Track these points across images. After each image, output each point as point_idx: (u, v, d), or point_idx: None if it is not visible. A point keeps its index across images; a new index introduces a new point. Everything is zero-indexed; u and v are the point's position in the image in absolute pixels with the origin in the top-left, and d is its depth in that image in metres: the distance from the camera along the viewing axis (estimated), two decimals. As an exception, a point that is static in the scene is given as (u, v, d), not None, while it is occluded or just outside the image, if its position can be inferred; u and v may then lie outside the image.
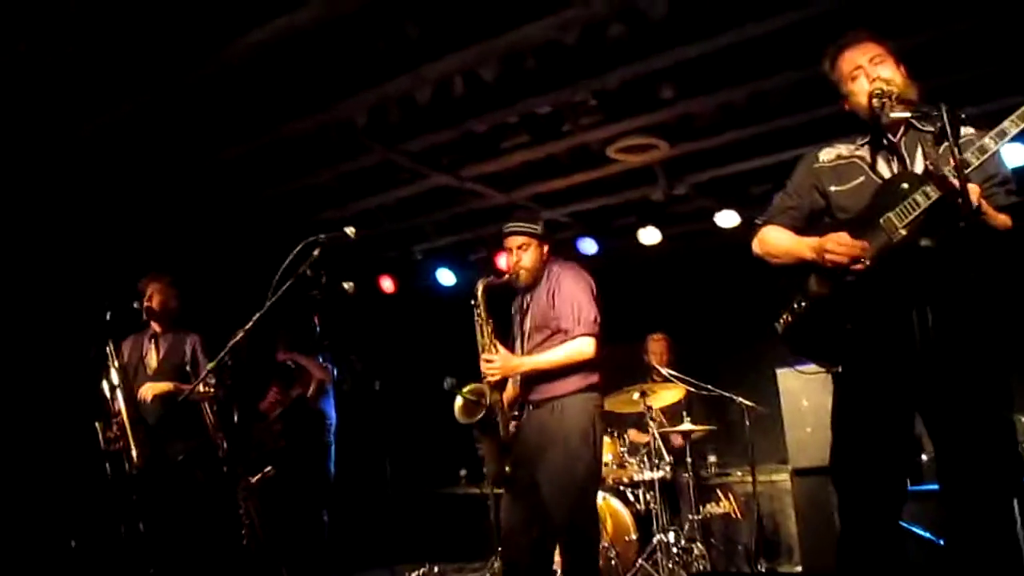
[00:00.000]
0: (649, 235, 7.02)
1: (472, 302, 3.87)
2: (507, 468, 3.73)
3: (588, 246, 7.31)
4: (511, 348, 3.91)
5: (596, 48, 4.63)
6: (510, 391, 3.97)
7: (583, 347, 3.72)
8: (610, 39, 4.61)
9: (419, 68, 4.55)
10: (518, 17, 4.15)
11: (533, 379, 3.79)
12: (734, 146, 5.95)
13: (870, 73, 2.54)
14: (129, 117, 4.81)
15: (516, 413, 3.91)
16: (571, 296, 3.78)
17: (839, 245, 2.52)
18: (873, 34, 2.62)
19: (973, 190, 2.22)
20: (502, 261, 7.41)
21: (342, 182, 6.42)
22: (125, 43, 4.14)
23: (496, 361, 3.72)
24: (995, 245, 2.38)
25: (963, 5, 4.11)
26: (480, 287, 3.87)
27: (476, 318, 3.85)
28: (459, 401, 3.77)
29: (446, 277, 7.92)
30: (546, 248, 3.96)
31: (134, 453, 4.15)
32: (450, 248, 7.91)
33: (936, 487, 2.75)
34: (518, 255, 3.90)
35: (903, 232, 2.43)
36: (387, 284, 8.04)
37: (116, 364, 4.41)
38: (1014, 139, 2.31)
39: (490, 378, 3.72)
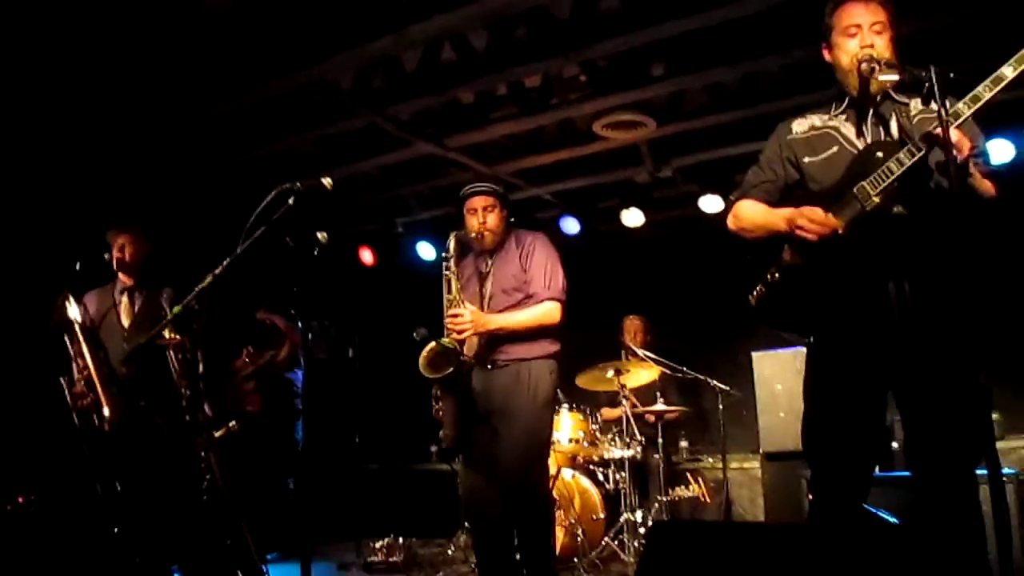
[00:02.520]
0: (632, 217, 6.99)
1: (444, 255, 3.83)
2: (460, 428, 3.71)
3: (571, 226, 7.27)
4: None
5: (587, 19, 4.58)
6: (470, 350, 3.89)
7: (551, 311, 3.72)
8: (602, 10, 4.56)
9: (405, 28, 4.47)
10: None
11: (498, 340, 3.73)
12: (722, 129, 5.94)
13: (865, 38, 2.50)
14: (110, 67, 4.72)
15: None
16: (544, 261, 3.78)
17: (811, 221, 2.49)
18: None
19: (963, 142, 2.19)
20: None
21: (325, 146, 6.35)
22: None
23: (465, 315, 3.63)
24: (975, 212, 2.35)
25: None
26: (452, 239, 3.84)
27: (445, 271, 3.80)
28: (426, 354, 3.66)
29: (427, 251, 7.84)
30: (507, 212, 3.92)
31: (106, 410, 4.05)
32: (432, 222, 7.83)
33: (905, 474, 2.74)
34: (483, 216, 3.83)
35: (876, 200, 2.42)
36: (367, 256, 7.95)
37: (77, 317, 4.28)
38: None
39: (458, 335, 3.63)
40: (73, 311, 4.24)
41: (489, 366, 3.75)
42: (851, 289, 2.49)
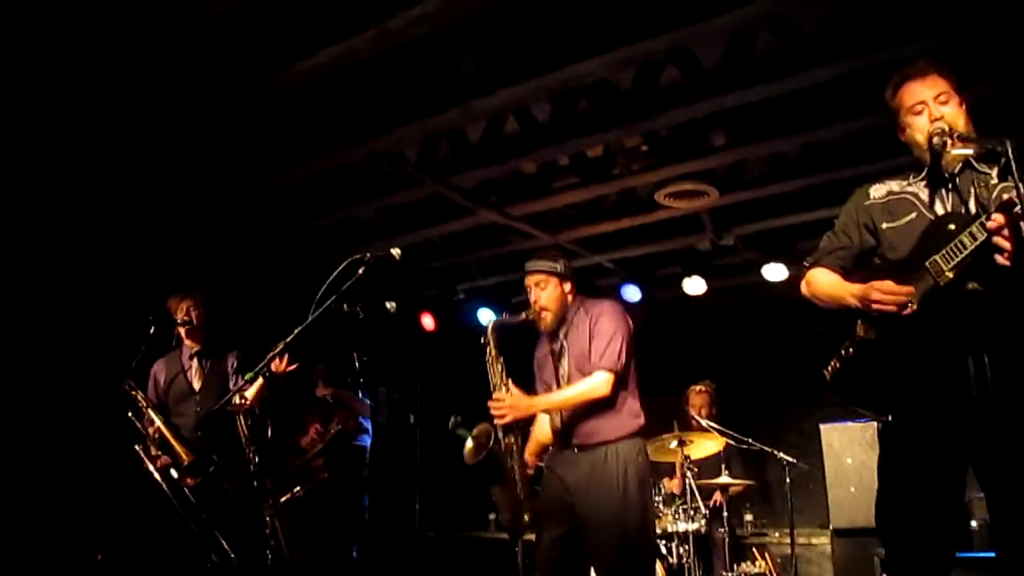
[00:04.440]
0: (694, 285, 6.94)
1: (481, 341, 3.73)
2: (526, 517, 3.57)
3: (632, 293, 7.25)
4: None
5: (649, 91, 4.65)
6: (537, 439, 3.81)
7: (600, 384, 3.50)
8: (663, 83, 4.63)
9: (470, 102, 4.59)
10: (572, 55, 4.18)
11: (578, 420, 3.57)
12: (784, 198, 5.91)
13: (933, 112, 2.48)
14: (180, 138, 4.89)
15: (536, 462, 3.77)
16: (606, 331, 3.59)
17: (883, 293, 2.44)
18: (941, 67, 2.55)
19: None
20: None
21: (389, 215, 6.50)
22: (182, 63, 4.24)
23: (506, 400, 3.53)
24: None
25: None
26: (490, 325, 3.74)
27: (487, 357, 3.70)
28: (468, 443, 3.67)
29: (487, 317, 7.88)
30: (568, 286, 3.73)
31: (183, 457, 4.18)
32: (493, 288, 7.90)
33: (986, 555, 2.63)
34: (536, 294, 3.69)
35: (949, 275, 2.35)
36: (428, 321, 8.04)
37: (140, 395, 4.46)
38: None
39: (499, 420, 3.53)
40: (135, 389, 4.42)
41: (575, 449, 3.59)
42: (928, 365, 2.42)
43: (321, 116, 4.91)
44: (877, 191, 2.70)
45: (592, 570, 3.75)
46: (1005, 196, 2.16)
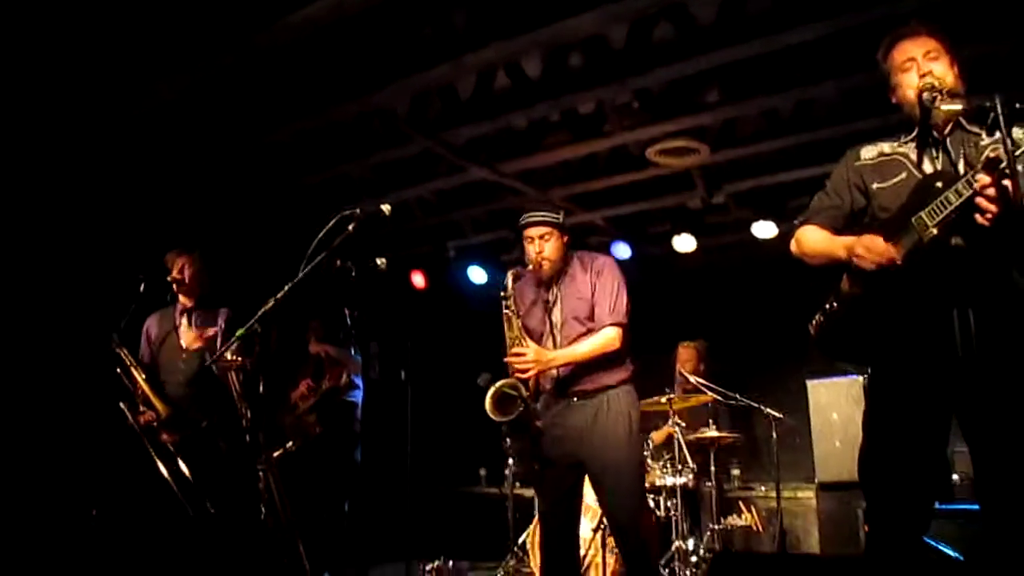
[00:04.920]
0: (684, 242, 6.97)
1: (501, 294, 3.73)
2: (536, 466, 3.67)
3: (622, 251, 7.27)
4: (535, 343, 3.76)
5: (641, 47, 4.61)
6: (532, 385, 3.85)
7: (612, 337, 3.63)
8: (656, 39, 4.59)
9: (461, 57, 4.55)
10: (565, 9, 4.14)
11: (578, 370, 3.67)
12: (776, 155, 5.91)
13: (922, 67, 2.48)
14: (170, 95, 4.85)
15: (539, 408, 3.78)
16: (611, 286, 3.69)
17: (868, 250, 2.48)
18: (932, 28, 2.55)
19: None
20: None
21: (380, 172, 6.46)
22: (171, 20, 4.18)
23: (529, 355, 3.57)
24: None
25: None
26: (510, 277, 3.75)
27: (505, 310, 3.71)
28: (492, 398, 3.62)
29: (478, 275, 7.91)
30: (566, 238, 3.80)
31: (160, 408, 4.21)
32: (484, 246, 7.91)
33: (967, 506, 2.68)
34: (540, 245, 3.71)
35: (933, 231, 2.37)
36: (418, 279, 8.04)
37: (125, 353, 4.47)
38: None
39: (521, 374, 3.57)
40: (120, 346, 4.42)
41: (574, 398, 3.68)
42: (912, 320, 2.45)
43: (311, 73, 4.85)
44: (868, 152, 2.71)
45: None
46: (992, 155, 2.17)
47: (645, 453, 5.73)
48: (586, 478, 3.70)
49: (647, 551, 3.72)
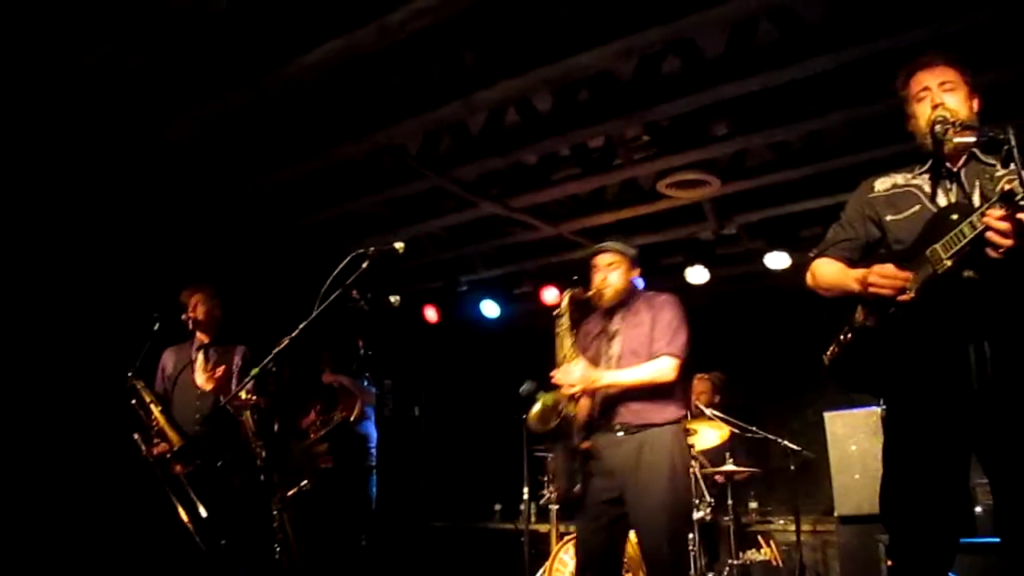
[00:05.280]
0: (697, 274, 6.94)
1: (555, 312, 3.79)
2: (576, 489, 3.65)
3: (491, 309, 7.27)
4: None
5: (650, 81, 4.64)
6: (583, 410, 3.82)
7: (666, 368, 3.59)
8: (664, 73, 4.62)
9: (471, 95, 4.59)
10: (574, 46, 4.18)
11: (625, 402, 3.64)
12: (786, 186, 5.91)
13: (935, 98, 2.49)
14: (183, 133, 4.92)
15: (585, 433, 3.76)
16: (670, 320, 3.68)
17: (882, 277, 2.46)
18: (950, 58, 2.56)
19: None
20: (547, 295, 7.43)
21: (391, 208, 6.50)
22: (184, 59, 4.24)
23: (575, 371, 3.60)
24: None
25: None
26: (566, 297, 3.80)
27: (557, 328, 3.76)
28: (536, 407, 3.66)
29: (490, 309, 7.91)
30: (634, 273, 3.86)
31: (173, 439, 4.24)
32: (495, 280, 7.92)
33: (991, 540, 2.64)
34: (605, 273, 3.79)
35: (948, 263, 2.35)
36: (431, 314, 8.05)
37: (142, 387, 4.49)
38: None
39: (568, 390, 3.60)
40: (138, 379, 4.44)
41: (618, 431, 3.63)
42: (927, 353, 2.43)
43: (323, 110, 4.90)
44: (882, 184, 2.71)
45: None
46: (1007, 187, 2.16)
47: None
48: None
49: None
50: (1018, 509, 2.35)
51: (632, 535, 5.06)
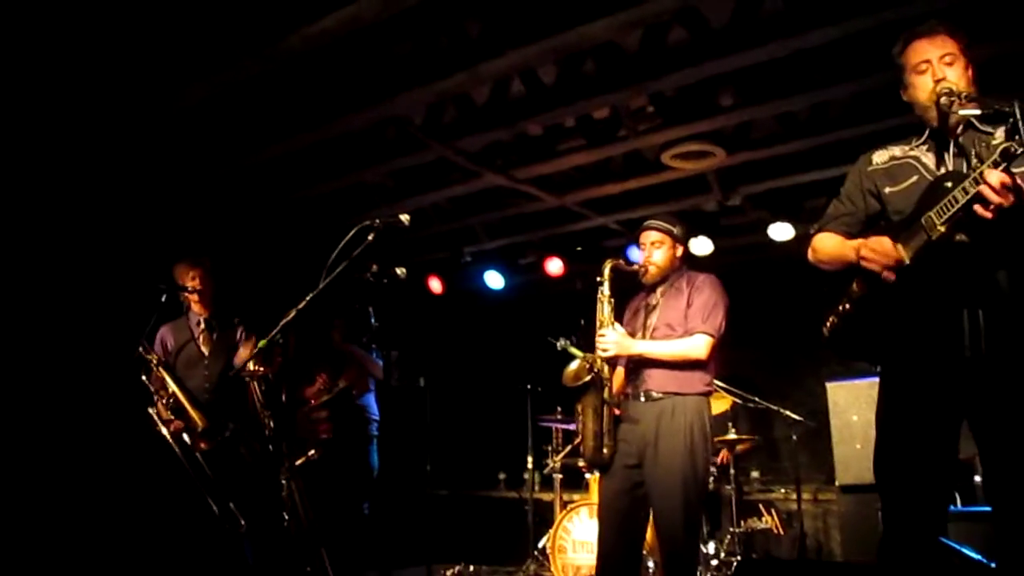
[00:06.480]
0: (700, 245, 6.95)
1: (597, 279, 3.89)
2: (605, 451, 3.72)
3: (636, 254, 7.23)
4: None
5: (655, 52, 4.62)
6: (615, 376, 3.93)
7: (700, 345, 3.71)
8: (670, 43, 4.60)
9: (477, 66, 4.57)
10: (579, 16, 4.16)
11: (652, 370, 3.77)
12: (791, 157, 5.89)
13: (937, 72, 2.49)
14: (188, 104, 4.88)
15: (614, 398, 3.86)
16: (708, 299, 3.80)
17: (874, 251, 2.51)
18: (951, 28, 2.55)
19: None
20: (551, 266, 7.45)
21: (396, 179, 6.50)
22: (189, 30, 4.23)
23: (611, 336, 3.72)
24: None
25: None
26: (608, 266, 3.90)
27: (599, 295, 3.86)
28: (573, 364, 3.84)
29: (494, 280, 7.93)
30: (680, 250, 3.98)
31: (199, 423, 4.25)
32: (500, 251, 7.93)
33: (988, 509, 2.68)
34: (651, 251, 3.92)
35: (942, 229, 2.38)
36: (435, 284, 8.08)
37: (154, 357, 4.51)
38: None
39: (602, 353, 3.73)
40: (150, 352, 4.46)
41: (642, 397, 3.75)
42: (921, 319, 2.47)
43: (327, 81, 4.89)
44: (879, 157, 2.73)
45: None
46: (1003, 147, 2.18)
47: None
48: None
49: (687, 570, 3.70)
50: (1007, 477, 2.38)
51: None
